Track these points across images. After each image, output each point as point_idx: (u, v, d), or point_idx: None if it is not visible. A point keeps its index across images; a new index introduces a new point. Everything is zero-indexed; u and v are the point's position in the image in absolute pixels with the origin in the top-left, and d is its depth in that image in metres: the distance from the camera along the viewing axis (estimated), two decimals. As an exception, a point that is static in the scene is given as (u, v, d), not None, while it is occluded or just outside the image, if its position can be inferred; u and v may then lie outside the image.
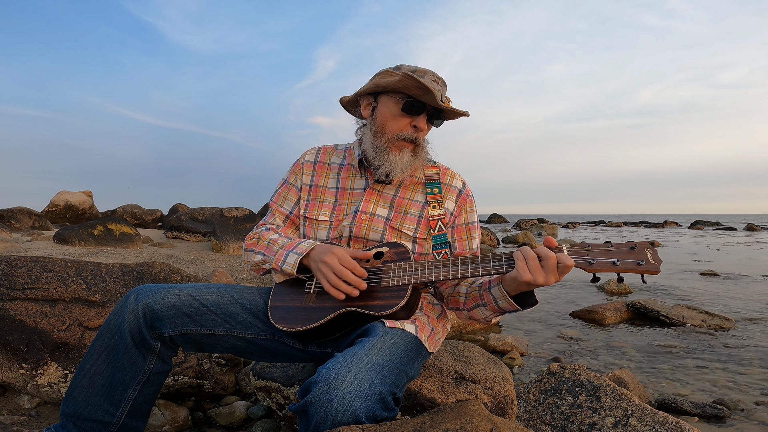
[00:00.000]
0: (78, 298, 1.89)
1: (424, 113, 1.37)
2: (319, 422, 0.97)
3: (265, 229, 1.49)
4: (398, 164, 1.37)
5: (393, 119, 1.37)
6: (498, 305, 1.25)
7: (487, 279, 1.31)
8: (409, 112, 1.35)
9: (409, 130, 1.37)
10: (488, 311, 1.30)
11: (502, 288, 1.22)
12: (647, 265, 1.08)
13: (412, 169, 1.44)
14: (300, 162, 1.54)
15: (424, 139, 1.42)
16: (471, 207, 1.47)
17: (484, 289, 1.29)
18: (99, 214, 11.93)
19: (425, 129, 1.40)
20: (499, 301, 1.24)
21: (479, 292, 1.31)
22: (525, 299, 1.25)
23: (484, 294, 1.28)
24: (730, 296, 5.58)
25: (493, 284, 1.26)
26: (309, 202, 1.49)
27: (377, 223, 1.40)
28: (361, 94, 1.44)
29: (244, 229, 7.42)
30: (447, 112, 1.39)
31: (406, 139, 1.37)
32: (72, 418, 1.24)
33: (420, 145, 1.39)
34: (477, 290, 1.32)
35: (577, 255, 1.13)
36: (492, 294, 1.26)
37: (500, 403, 1.48)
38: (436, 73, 1.38)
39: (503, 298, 1.22)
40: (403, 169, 1.38)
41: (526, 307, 1.24)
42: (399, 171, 1.38)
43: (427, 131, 1.42)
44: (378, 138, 1.38)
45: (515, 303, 1.23)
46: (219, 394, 2.03)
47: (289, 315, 1.31)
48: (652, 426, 1.56)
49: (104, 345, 1.26)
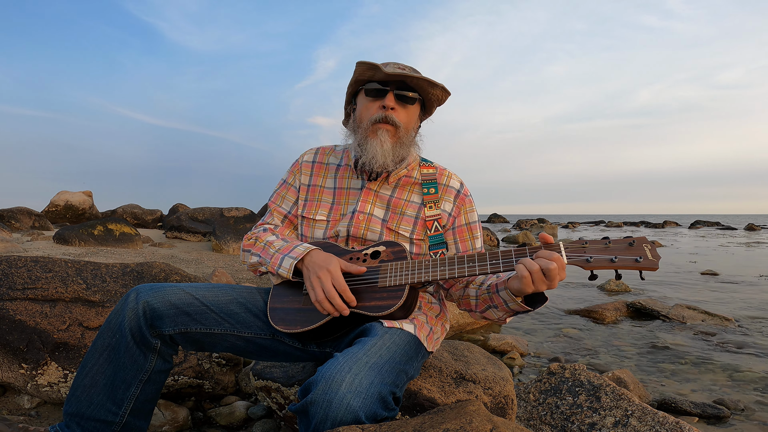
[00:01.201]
0: (78, 298, 1.89)
1: (390, 93, 1.37)
2: (319, 422, 0.97)
3: (262, 230, 1.49)
4: (378, 149, 1.35)
5: (365, 109, 1.40)
6: (509, 307, 1.25)
7: (493, 281, 1.31)
8: (374, 95, 1.38)
9: (379, 111, 1.37)
10: (500, 312, 1.29)
11: (509, 292, 1.22)
12: (645, 262, 1.07)
13: (408, 169, 1.44)
14: (299, 162, 1.55)
15: (414, 129, 1.43)
16: (470, 207, 1.47)
17: (493, 292, 1.28)
18: (99, 214, 11.92)
19: (396, 107, 1.37)
20: (510, 303, 1.24)
21: (488, 294, 1.30)
22: (535, 299, 1.25)
23: (494, 296, 1.28)
24: (730, 296, 5.58)
25: (500, 287, 1.26)
26: (307, 201, 1.49)
27: (374, 223, 1.40)
28: (345, 106, 1.52)
29: (244, 229, 7.42)
30: (418, 86, 1.37)
31: (379, 121, 1.36)
32: (75, 417, 1.25)
33: (399, 127, 1.37)
34: (486, 293, 1.31)
35: (575, 252, 1.13)
36: (501, 297, 1.25)
37: (500, 403, 1.49)
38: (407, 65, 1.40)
39: (512, 300, 1.22)
40: (385, 155, 1.35)
41: (537, 305, 1.24)
42: (381, 156, 1.35)
43: (404, 113, 1.39)
44: (357, 131, 1.41)
45: (525, 305, 1.22)
46: (219, 394, 2.03)
47: (288, 316, 1.32)
48: (652, 426, 1.56)
49: (105, 344, 1.26)
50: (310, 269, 1.27)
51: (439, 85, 1.36)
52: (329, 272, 1.24)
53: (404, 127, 1.38)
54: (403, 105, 1.38)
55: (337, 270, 1.25)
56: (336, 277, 1.23)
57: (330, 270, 1.24)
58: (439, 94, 1.40)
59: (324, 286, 1.22)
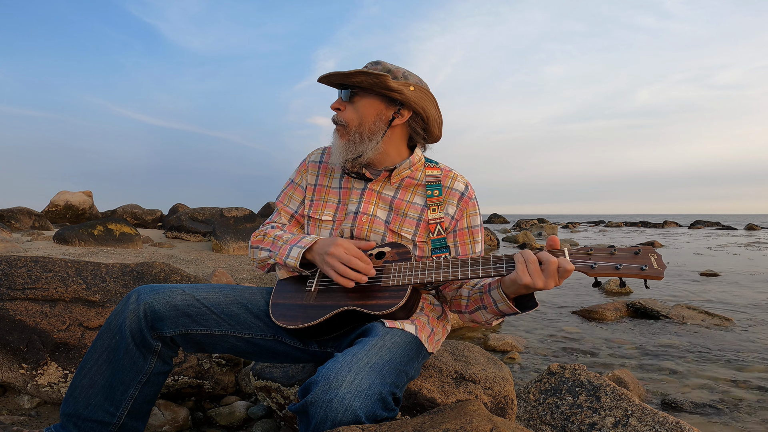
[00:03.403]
0: (78, 298, 1.89)
1: (338, 96, 1.41)
2: (319, 422, 0.97)
3: (270, 227, 1.51)
4: (334, 148, 1.42)
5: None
6: (498, 308, 1.25)
7: (487, 281, 1.31)
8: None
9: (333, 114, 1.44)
10: (489, 314, 1.29)
11: (501, 290, 1.22)
12: (651, 271, 1.07)
13: (412, 169, 1.43)
14: (306, 162, 1.55)
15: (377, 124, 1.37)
16: (474, 210, 1.45)
17: (485, 292, 1.28)
18: (99, 214, 11.93)
19: (341, 106, 1.40)
20: (499, 303, 1.24)
21: (480, 294, 1.30)
22: (524, 302, 1.25)
23: (485, 296, 1.28)
24: (730, 296, 5.58)
25: (492, 287, 1.26)
26: (313, 201, 1.50)
27: (378, 225, 1.40)
28: None
29: (244, 229, 7.42)
30: (347, 82, 1.36)
31: (333, 122, 1.43)
32: (72, 418, 1.24)
33: (345, 125, 1.38)
34: (478, 293, 1.32)
35: (579, 259, 1.13)
36: (492, 296, 1.26)
37: (500, 403, 1.49)
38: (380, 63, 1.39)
39: (502, 300, 1.22)
40: (339, 153, 1.39)
41: (525, 310, 1.24)
42: (336, 155, 1.40)
43: (351, 109, 1.38)
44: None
45: (514, 306, 1.23)
46: (219, 394, 2.03)
47: (290, 312, 1.32)
48: (652, 426, 1.56)
49: (105, 345, 1.26)
50: (320, 253, 1.30)
51: (354, 71, 1.32)
52: (339, 245, 1.27)
53: (354, 124, 1.38)
54: (346, 102, 1.40)
55: (346, 241, 1.29)
56: (347, 246, 1.27)
57: (339, 243, 1.28)
58: (362, 79, 1.33)
59: (340, 257, 1.25)
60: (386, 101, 1.38)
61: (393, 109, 1.38)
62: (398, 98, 1.35)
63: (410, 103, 1.36)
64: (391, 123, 1.39)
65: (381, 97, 1.37)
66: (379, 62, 1.39)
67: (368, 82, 1.33)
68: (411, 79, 1.37)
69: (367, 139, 1.37)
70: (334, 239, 1.30)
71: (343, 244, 1.27)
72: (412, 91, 1.35)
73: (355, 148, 1.38)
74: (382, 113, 1.38)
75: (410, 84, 1.35)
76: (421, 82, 1.39)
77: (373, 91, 1.36)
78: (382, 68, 1.37)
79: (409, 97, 1.35)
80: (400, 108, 1.38)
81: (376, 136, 1.38)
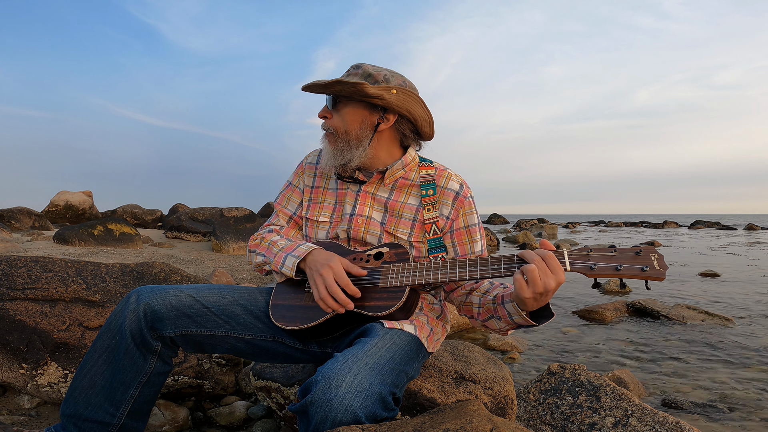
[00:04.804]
0: (78, 298, 1.89)
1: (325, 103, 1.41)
2: (319, 422, 0.97)
3: (268, 231, 1.51)
4: (324, 153, 1.43)
5: None
6: (513, 320, 1.24)
7: (500, 292, 1.29)
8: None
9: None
10: (503, 323, 1.28)
11: (515, 305, 1.19)
12: (652, 272, 1.05)
13: (405, 170, 1.42)
14: (303, 164, 1.55)
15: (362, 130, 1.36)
16: (470, 209, 1.42)
17: (498, 304, 1.27)
18: (99, 214, 11.93)
19: (327, 115, 1.40)
20: (515, 316, 1.22)
21: (493, 305, 1.29)
22: (540, 313, 1.22)
23: (498, 308, 1.27)
24: (730, 296, 5.58)
25: (506, 300, 1.24)
26: (311, 203, 1.50)
27: (374, 226, 1.39)
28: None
29: (244, 229, 7.42)
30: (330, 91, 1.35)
31: (323, 128, 1.43)
32: (72, 418, 1.25)
33: (333, 132, 1.38)
34: (491, 303, 1.30)
35: (579, 259, 1.11)
36: (506, 309, 1.24)
37: (500, 403, 1.49)
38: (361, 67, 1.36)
39: (518, 314, 1.20)
40: (329, 158, 1.40)
41: (542, 321, 1.21)
42: (325, 160, 1.41)
43: (337, 117, 1.38)
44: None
45: (530, 319, 1.20)
46: (219, 394, 2.03)
47: (289, 313, 1.32)
48: (652, 426, 1.56)
49: (105, 345, 1.26)
50: (312, 268, 1.28)
51: (332, 81, 1.31)
52: (331, 268, 1.24)
53: (341, 131, 1.37)
54: (332, 110, 1.39)
55: (338, 265, 1.25)
56: (338, 272, 1.24)
57: (331, 266, 1.24)
58: (341, 89, 1.32)
59: (326, 281, 1.22)
60: (369, 107, 1.35)
61: (377, 115, 1.36)
62: (380, 104, 1.33)
63: (393, 107, 1.33)
64: (377, 128, 1.36)
65: (363, 103, 1.35)
66: (360, 66, 1.36)
67: (347, 90, 1.31)
68: (393, 81, 1.34)
69: (354, 147, 1.36)
70: (329, 257, 1.28)
71: (335, 267, 1.24)
72: (394, 94, 1.32)
73: (342, 156, 1.37)
74: (366, 119, 1.36)
75: (392, 87, 1.32)
76: (405, 82, 1.36)
77: (354, 98, 1.35)
78: (362, 73, 1.34)
79: (391, 102, 1.32)
80: (384, 113, 1.36)
81: (363, 143, 1.37)
